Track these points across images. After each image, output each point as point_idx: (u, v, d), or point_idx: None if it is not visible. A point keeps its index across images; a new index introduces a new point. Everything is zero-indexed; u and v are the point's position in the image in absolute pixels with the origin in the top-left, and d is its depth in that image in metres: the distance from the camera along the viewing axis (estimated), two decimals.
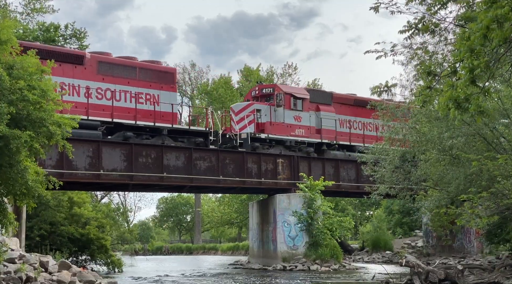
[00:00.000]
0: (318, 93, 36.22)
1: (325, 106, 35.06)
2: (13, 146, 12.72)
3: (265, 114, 32.52)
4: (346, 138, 35.46)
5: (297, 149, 33.51)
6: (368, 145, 34.54)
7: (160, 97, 28.65)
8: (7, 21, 14.37)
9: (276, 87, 34.20)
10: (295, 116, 33.29)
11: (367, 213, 66.12)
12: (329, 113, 34.93)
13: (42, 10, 34.58)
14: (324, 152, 34.63)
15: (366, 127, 36.65)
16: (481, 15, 7.72)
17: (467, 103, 8.13)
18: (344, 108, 36.11)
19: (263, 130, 32.17)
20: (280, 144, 32.86)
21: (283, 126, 32.78)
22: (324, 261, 30.75)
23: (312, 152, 34.03)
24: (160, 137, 28.68)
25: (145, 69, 28.57)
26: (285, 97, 33.00)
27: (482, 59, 7.76)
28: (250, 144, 31.20)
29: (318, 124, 34.43)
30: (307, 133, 33.71)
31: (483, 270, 20.55)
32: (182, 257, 62.16)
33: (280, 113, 32.80)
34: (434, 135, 23.27)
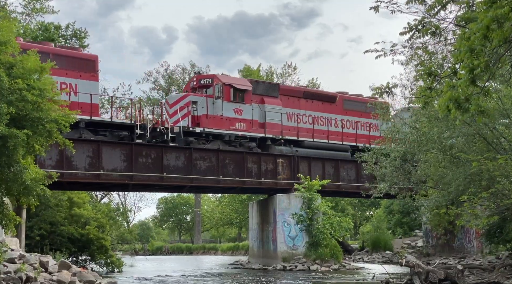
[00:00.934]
0: (262, 85, 33.81)
1: (270, 98, 32.85)
2: (10, 145, 12.72)
3: (201, 106, 30.16)
4: (294, 133, 33.35)
5: (238, 144, 31.40)
6: (318, 140, 33.74)
7: (78, 87, 26.55)
8: (7, 21, 14.37)
9: (215, 77, 31.53)
10: (235, 109, 31.04)
11: (367, 213, 66.11)
12: (275, 106, 32.72)
13: (42, 10, 34.57)
14: (269, 147, 32.50)
15: (317, 121, 34.62)
16: (481, 15, 7.72)
17: (467, 104, 8.13)
18: (293, 101, 33.95)
19: (199, 124, 29.88)
20: (218, 138, 30.58)
21: (221, 119, 30.46)
22: (324, 261, 30.76)
23: (255, 147, 31.87)
24: (78, 131, 25.98)
25: (60, 56, 26.04)
26: (224, 89, 30.68)
27: (482, 59, 7.76)
28: (184, 139, 29.04)
29: (262, 118, 32.18)
30: (248, 127, 31.43)
31: (483, 270, 20.53)
32: (182, 257, 62.15)
33: (219, 105, 30.50)
34: (434, 134, 23.26)
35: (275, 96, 33.25)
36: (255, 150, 31.74)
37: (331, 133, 34.78)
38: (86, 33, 35.78)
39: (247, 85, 32.34)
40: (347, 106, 36.08)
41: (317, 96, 35.41)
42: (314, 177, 32.09)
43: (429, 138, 23.71)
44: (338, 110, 35.61)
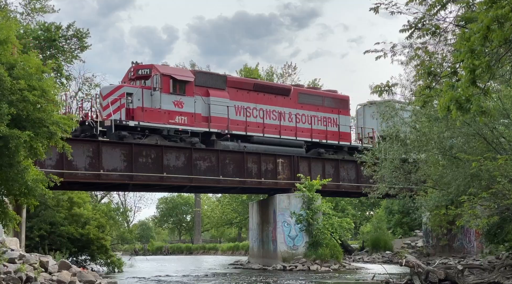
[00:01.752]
0: (207, 76, 31.48)
1: (216, 91, 30.82)
2: (12, 145, 12.72)
3: (137, 98, 28.12)
4: (242, 128, 31.42)
5: (178, 139, 29.36)
6: (269, 135, 32.11)
7: None
8: (7, 21, 14.37)
9: (153, 68, 29.43)
10: (175, 102, 28.96)
11: (367, 213, 66.11)
12: (221, 99, 30.65)
13: (42, 10, 34.55)
14: (214, 143, 30.52)
15: (269, 115, 32.71)
16: (481, 15, 7.73)
17: (468, 104, 8.13)
18: (242, 94, 31.97)
19: (134, 118, 27.90)
20: (156, 133, 28.55)
21: (159, 112, 28.44)
22: (324, 261, 30.76)
23: (198, 142, 29.77)
24: None
25: None
26: (163, 80, 28.61)
27: (483, 59, 7.77)
28: (116, 133, 27.12)
29: (206, 111, 30.19)
30: (190, 121, 29.38)
31: (483, 270, 20.53)
32: (182, 257, 62.15)
33: (157, 98, 28.50)
34: (434, 134, 23.26)
35: (221, 89, 31.20)
36: (198, 145, 29.71)
37: (283, 128, 33.04)
38: (87, 34, 35.72)
39: (189, 76, 30.14)
40: (303, 100, 34.34)
41: (269, 89, 33.63)
42: (314, 177, 32.08)
43: (429, 138, 23.71)
44: (292, 104, 33.81)
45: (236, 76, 33.65)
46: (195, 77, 30.29)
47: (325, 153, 34.64)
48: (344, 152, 35.55)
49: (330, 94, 36.27)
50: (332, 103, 35.63)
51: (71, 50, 35.28)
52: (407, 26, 10.43)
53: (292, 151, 32.98)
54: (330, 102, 35.52)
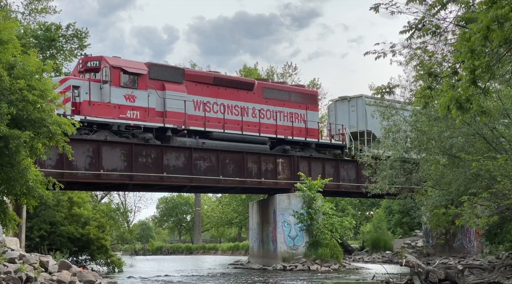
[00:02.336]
0: (163, 69, 29.76)
1: (172, 84, 29.30)
2: (13, 146, 12.73)
3: (85, 92, 26.52)
4: (201, 123, 29.85)
5: (130, 135, 27.74)
6: (230, 131, 30.66)
7: None
8: (8, 22, 14.38)
9: (103, 59, 27.74)
10: (126, 96, 27.35)
11: (367, 213, 66.13)
12: (178, 93, 29.14)
13: (44, 10, 34.55)
14: (170, 139, 28.95)
15: (231, 110, 31.25)
16: (481, 16, 7.73)
17: (468, 104, 8.13)
18: (201, 88, 30.43)
19: (80, 112, 26.34)
20: (105, 128, 27.00)
21: (108, 107, 26.87)
22: (324, 261, 30.76)
23: (152, 138, 28.26)
24: None
25: None
26: (113, 72, 27.06)
27: (483, 60, 7.77)
28: None
29: (161, 106, 28.68)
30: (143, 116, 27.85)
31: (483, 270, 20.53)
32: (182, 257, 62.16)
33: (106, 91, 26.94)
34: (434, 133, 23.25)
35: (179, 82, 29.64)
36: (152, 141, 28.28)
37: (246, 124, 31.53)
38: (87, 34, 35.71)
39: (142, 69, 28.49)
40: (267, 95, 32.83)
41: (231, 83, 31.94)
42: (314, 177, 32.08)
43: (429, 137, 23.70)
44: (256, 99, 32.28)
45: (195, 70, 31.76)
46: (149, 70, 28.68)
47: (291, 149, 33.25)
48: (311, 148, 34.20)
49: (297, 89, 35.33)
50: (300, 98, 34.28)
51: (71, 49, 35.27)
52: (407, 27, 10.42)
53: (256, 147, 31.63)
54: (297, 97, 34.15)
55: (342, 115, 36.86)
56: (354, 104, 36.58)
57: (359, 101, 36.57)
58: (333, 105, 38.28)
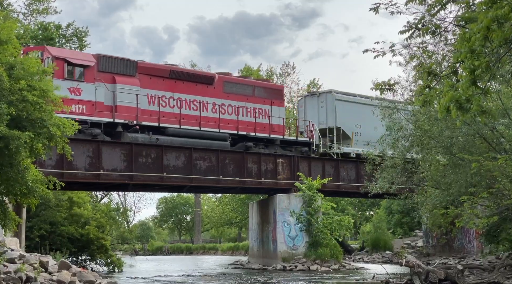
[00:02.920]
0: (113, 61, 27.93)
1: (124, 77, 27.79)
2: (13, 146, 12.73)
3: None
4: (155, 119, 28.50)
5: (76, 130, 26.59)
6: (186, 126, 29.25)
7: None
8: (8, 22, 14.38)
9: (45, 50, 26.22)
10: (71, 89, 25.73)
11: (367, 213, 66.15)
12: (130, 87, 27.66)
13: (45, 11, 34.60)
14: (120, 135, 27.39)
15: (188, 105, 29.89)
16: (481, 16, 7.73)
17: (468, 104, 8.13)
18: (156, 81, 29.05)
19: None
20: None
21: None
22: (324, 261, 30.77)
23: (100, 134, 26.71)
24: None
25: None
26: (56, 63, 24.18)
27: (483, 60, 7.76)
28: None
29: (111, 100, 27.25)
30: (90, 111, 26.43)
31: (483, 270, 20.53)
32: (182, 257, 62.17)
33: None
34: (434, 132, 23.22)
35: (131, 75, 28.18)
36: (100, 137, 26.66)
37: (205, 119, 30.10)
38: (86, 33, 35.73)
39: (89, 60, 26.90)
40: (229, 90, 31.49)
41: (189, 77, 30.44)
42: (314, 177, 32.08)
43: (429, 137, 23.67)
44: (216, 93, 30.90)
45: (149, 62, 30.23)
46: (98, 62, 27.13)
47: (254, 146, 31.91)
48: (276, 145, 32.78)
49: (261, 84, 33.84)
50: (264, 93, 32.94)
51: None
52: (407, 27, 10.42)
53: (215, 144, 30.20)
54: (261, 92, 32.82)
55: (311, 111, 35.80)
56: (324, 99, 35.52)
57: (328, 96, 35.51)
58: (302, 101, 37.25)
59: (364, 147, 34.21)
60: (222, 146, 30.41)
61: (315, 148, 34.37)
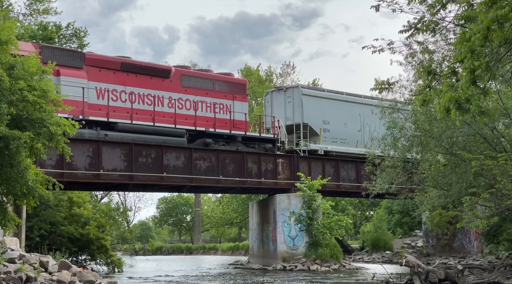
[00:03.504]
0: (57, 52, 26.40)
1: (70, 70, 26.24)
2: (13, 146, 12.73)
3: None
4: (104, 113, 27.05)
5: None
6: (139, 122, 27.79)
7: None
8: (8, 22, 14.38)
9: None
10: None
11: (367, 213, 66.16)
12: (76, 79, 26.18)
13: (45, 11, 34.60)
14: None
15: (141, 99, 28.42)
16: (481, 16, 7.72)
17: (468, 104, 8.13)
18: (106, 74, 27.56)
19: None
20: None
21: None
22: (324, 261, 30.77)
23: None
24: None
25: None
26: None
27: (483, 60, 7.76)
28: None
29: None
30: None
31: (483, 270, 20.52)
32: (182, 257, 62.16)
33: None
34: (434, 132, 23.22)
35: (77, 68, 26.74)
36: None
37: (160, 114, 28.61)
38: (86, 33, 35.73)
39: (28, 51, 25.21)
40: (187, 83, 30.05)
41: (143, 70, 28.78)
42: (314, 177, 32.08)
43: (430, 136, 23.65)
44: (173, 87, 29.47)
45: (99, 54, 28.60)
46: (40, 53, 25.09)
47: (214, 143, 30.44)
48: (238, 142, 31.29)
49: (222, 78, 32.01)
50: (225, 87, 31.46)
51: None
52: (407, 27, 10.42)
53: (171, 140, 28.68)
54: (222, 86, 31.36)
55: (278, 107, 34.49)
56: (291, 95, 34.26)
57: (295, 91, 34.34)
58: (269, 96, 35.82)
59: (333, 144, 34.01)
60: (178, 142, 28.96)
61: (280, 144, 33.03)
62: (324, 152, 34.07)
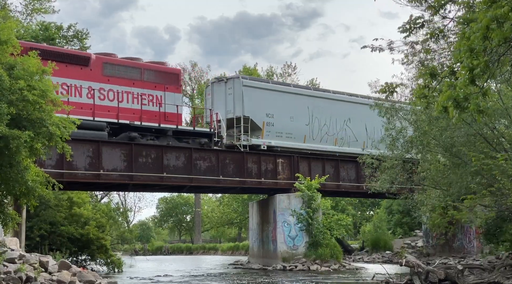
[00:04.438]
0: None
1: None
2: (13, 146, 12.73)
3: None
4: None
5: None
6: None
7: None
8: (8, 21, 14.38)
9: None
10: None
11: (367, 213, 66.17)
12: None
13: (42, 10, 34.59)
14: None
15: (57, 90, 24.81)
16: (480, 15, 7.72)
17: (466, 103, 8.13)
18: None
19: None
20: None
21: None
22: (324, 261, 30.78)
23: None
24: None
25: None
26: None
27: (481, 59, 7.76)
28: None
29: None
30: None
31: (483, 270, 20.52)
32: (182, 257, 62.15)
33: None
34: (435, 132, 23.21)
35: None
36: None
37: (77, 105, 25.09)
38: (87, 35, 35.73)
39: None
40: (110, 72, 27.77)
41: (57, 57, 25.08)
42: (314, 177, 32.07)
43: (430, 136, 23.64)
44: (93, 76, 27.13)
45: None
46: None
47: (141, 137, 28.21)
48: (168, 136, 29.16)
49: (152, 67, 29.53)
50: (156, 77, 29.14)
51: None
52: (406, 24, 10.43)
53: (88, 134, 26.14)
54: (152, 76, 29.01)
55: (219, 99, 32.15)
56: (231, 86, 31.88)
57: (236, 82, 31.91)
58: (210, 88, 33.36)
59: (277, 138, 31.97)
60: (97, 136, 26.62)
61: (217, 139, 30.70)
62: (268, 147, 31.98)
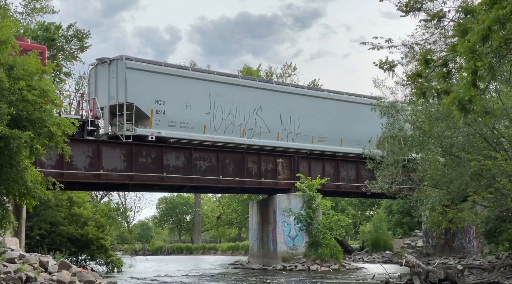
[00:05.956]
0: None
1: None
2: (14, 146, 12.72)
3: None
4: None
5: None
6: None
7: None
8: (6, 21, 14.36)
9: None
10: None
11: (367, 213, 66.14)
12: None
13: (42, 10, 34.53)
14: None
15: None
16: (482, 16, 7.71)
17: (471, 105, 8.11)
18: None
19: None
20: None
21: None
22: (324, 261, 30.77)
23: None
24: None
25: None
26: None
27: (485, 61, 7.75)
28: None
29: None
30: None
31: (483, 270, 20.52)
32: (182, 257, 62.14)
33: None
34: (434, 132, 23.19)
35: None
36: None
37: None
38: (88, 35, 35.67)
39: None
40: None
41: None
42: (314, 177, 32.07)
43: (429, 137, 23.62)
44: None
45: None
46: None
47: None
48: None
49: None
50: None
51: (71, 51, 35.26)
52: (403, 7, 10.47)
53: None
54: None
55: (102, 83, 28.34)
56: (115, 68, 27.94)
57: (119, 64, 27.87)
58: (93, 70, 29.15)
59: (170, 128, 28.37)
60: None
61: (90, 127, 26.79)
62: (157, 138, 28.09)
